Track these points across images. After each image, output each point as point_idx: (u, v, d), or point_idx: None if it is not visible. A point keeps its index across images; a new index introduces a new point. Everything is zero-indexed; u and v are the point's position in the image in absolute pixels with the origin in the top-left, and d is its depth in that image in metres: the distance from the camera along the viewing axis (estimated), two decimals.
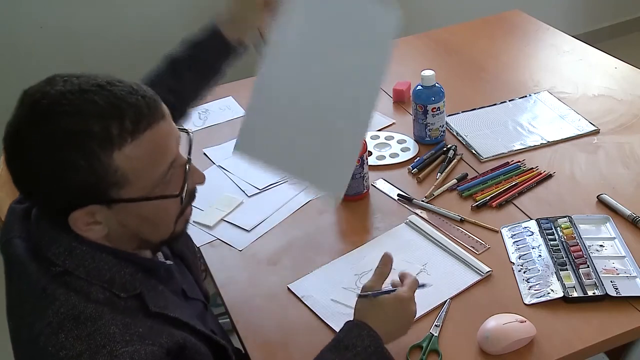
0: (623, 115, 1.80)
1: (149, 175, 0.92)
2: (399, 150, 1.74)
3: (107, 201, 0.91)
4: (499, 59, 2.14)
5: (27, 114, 0.89)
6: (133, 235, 0.98)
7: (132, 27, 2.88)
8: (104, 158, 0.87)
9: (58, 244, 0.94)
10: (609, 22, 3.86)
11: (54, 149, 0.86)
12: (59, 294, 0.91)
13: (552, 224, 1.43)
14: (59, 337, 0.88)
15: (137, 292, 0.96)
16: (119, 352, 0.87)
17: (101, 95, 0.88)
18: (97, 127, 0.86)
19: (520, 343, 1.18)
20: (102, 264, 0.94)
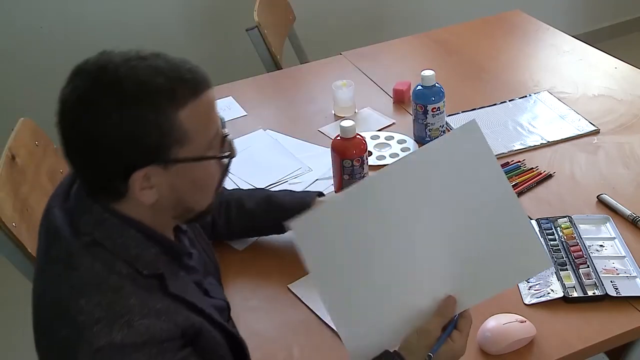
0: (623, 115, 1.80)
1: (204, 135, 0.97)
2: (399, 150, 1.74)
3: (167, 160, 0.94)
4: (499, 59, 2.15)
5: (93, 78, 0.92)
6: (178, 202, 1.00)
7: (133, 27, 2.88)
8: (170, 114, 0.92)
9: (90, 214, 0.97)
10: (609, 22, 3.86)
11: (126, 105, 0.90)
12: (85, 261, 0.94)
13: (552, 224, 1.43)
14: (79, 302, 0.91)
15: (159, 272, 0.99)
16: (136, 322, 0.90)
17: (160, 60, 0.94)
18: (163, 86, 0.92)
19: (520, 343, 1.18)
20: (129, 241, 0.97)
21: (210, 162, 1.00)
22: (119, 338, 0.89)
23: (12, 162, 1.51)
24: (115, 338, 0.89)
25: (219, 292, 1.21)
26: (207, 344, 1.01)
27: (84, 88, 0.92)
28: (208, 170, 1.01)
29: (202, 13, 3.02)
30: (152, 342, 0.91)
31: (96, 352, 0.88)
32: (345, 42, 2.62)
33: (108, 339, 0.89)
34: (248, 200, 1.43)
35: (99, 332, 0.89)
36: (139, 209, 0.98)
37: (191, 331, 0.98)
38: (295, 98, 2.07)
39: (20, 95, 2.76)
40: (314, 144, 1.80)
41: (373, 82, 2.07)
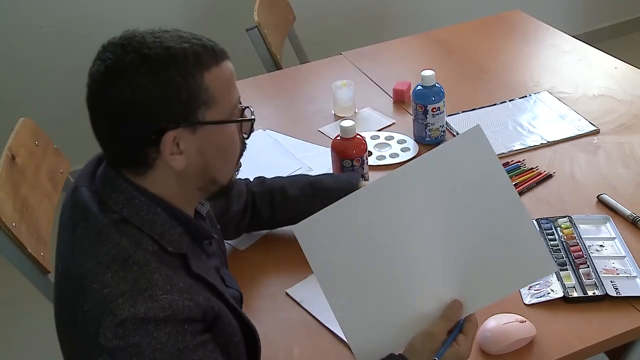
0: (623, 115, 1.80)
1: (228, 101, 1.02)
2: (399, 150, 1.74)
3: (195, 123, 0.98)
4: (499, 59, 2.15)
5: (121, 47, 0.96)
6: (204, 170, 1.03)
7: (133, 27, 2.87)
8: (198, 77, 0.97)
9: (119, 192, 1.00)
10: (609, 22, 3.86)
11: (156, 70, 0.95)
12: (112, 237, 0.96)
13: (552, 224, 1.43)
14: (105, 276, 0.93)
15: (183, 251, 1.01)
16: (159, 297, 0.93)
17: (183, 32, 1.00)
18: (189, 51, 0.97)
19: (520, 343, 1.18)
20: (156, 218, 1.00)
21: (232, 128, 1.04)
22: (143, 310, 0.91)
23: (12, 162, 1.52)
24: (139, 310, 0.91)
25: (233, 283, 1.22)
26: (224, 329, 1.03)
27: (113, 57, 0.96)
28: (232, 136, 1.04)
29: (202, 13, 3.02)
30: (174, 320, 0.93)
31: (119, 324, 0.91)
32: (345, 42, 2.62)
33: (132, 311, 0.91)
34: (291, 187, 1.44)
35: (123, 304, 0.91)
36: (165, 181, 1.01)
37: (211, 314, 1.00)
38: (295, 98, 2.07)
39: (20, 95, 2.76)
40: (314, 144, 1.80)
41: (373, 82, 2.07)
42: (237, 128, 1.05)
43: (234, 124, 1.04)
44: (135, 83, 0.94)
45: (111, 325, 0.90)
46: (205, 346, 0.97)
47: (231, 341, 1.05)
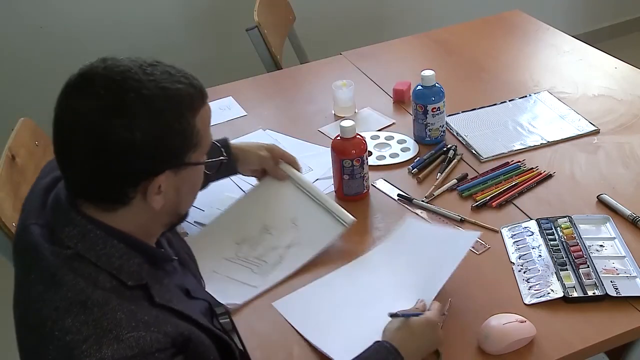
0: (623, 115, 1.80)
1: (208, 139, 1.02)
2: (399, 150, 1.74)
3: (181, 165, 0.97)
4: (499, 59, 2.15)
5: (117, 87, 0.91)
6: (176, 206, 1.02)
7: (133, 27, 2.88)
8: (190, 120, 0.95)
9: (73, 225, 0.96)
10: (609, 22, 3.86)
11: (154, 113, 0.92)
12: (67, 279, 0.93)
13: (552, 224, 1.43)
14: (65, 322, 0.90)
15: (143, 282, 0.98)
16: (125, 337, 0.89)
17: (169, 68, 0.96)
18: (182, 91, 0.95)
19: (520, 343, 1.18)
20: (112, 251, 0.96)
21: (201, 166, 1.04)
22: (109, 354, 0.88)
23: (12, 162, 1.51)
24: (105, 355, 0.88)
25: (199, 291, 1.20)
26: (197, 350, 1.01)
27: (109, 97, 0.91)
28: (200, 174, 1.04)
29: (202, 13, 3.02)
30: (143, 354, 0.90)
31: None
32: (345, 42, 2.62)
33: (98, 356, 0.87)
34: None
35: (87, 349, 0.88)
36: (135, 219, 0.98)
37: (180, 339, 0.97)
38: (295, 98, 2.07)
39: (20, 95, 2.76)
40: (314, 144, 1.80)
41: (373, 82, 2.07)
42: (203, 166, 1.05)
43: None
44: (135, 125, 0.91)
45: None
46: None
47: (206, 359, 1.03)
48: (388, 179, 1.64)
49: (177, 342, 0.96)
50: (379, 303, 1.28)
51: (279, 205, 1.52)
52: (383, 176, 1.65)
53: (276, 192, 1.54)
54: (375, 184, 1.62)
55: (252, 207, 1.53)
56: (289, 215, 1.49)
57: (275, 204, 1.52)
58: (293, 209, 1.50)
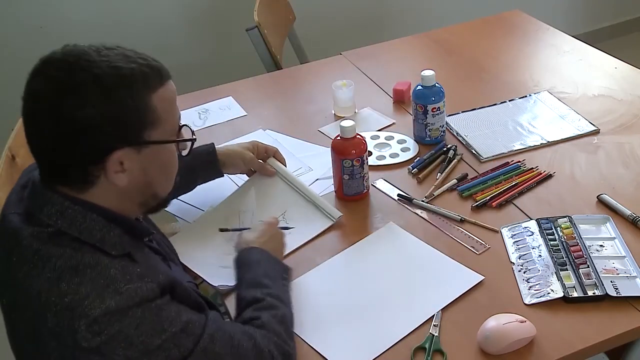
0: (623, 115, 1.80)
1: (171, 120, 1.04)
2: (399, 150, 1.74)
3: (141, 142, 1.00)
4: (499, 59, 2.15)
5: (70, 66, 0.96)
6: (146, 187, 1.05)
7: (133, 27, 2.88)
8: (146, 97, 0.99)
9: (51, 204, 0.99)
10: (609, 22, 3.86)
11: (106, 90, 0.95)
12: (53, 251, 0.95)
13: (552, 224, 1.43)
14: (60, 287, 0.93)
15: (127, 251, 1.01)
16: (123, 289, 0.94)
17: (127, 51, 1.00)
18: (137, 72, 0.98)
19: (520, 343, 1.18)
20: (92, 224, 0.99)
21: (174, 147, 1.07)
22: (113, 304, 0.92)
23: (12, 162, 1.51)
24: (110, 305, 0.92)
25: (184, 276, 1.25)
26: (182, 294, 1.06)
27: (62, 76, 0.95)
28: (173, 154, 1.08)
29: (202, 13, 3.02)
30: (146, 302, 0.95)
31: (94, 322, 0.91)
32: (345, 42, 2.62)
33: (103, 307, 0.91)
34: None
35: (91, 304, 0.91)
36: (105, 197, 1.01)
37: (169, 285, 1.02)
38: (295, 98, 2.07)
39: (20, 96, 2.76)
40: (314, 144, 1.80)
41: (373, 82, 2.07)
42: (175, 146, 1.07)
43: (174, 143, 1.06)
44: (87, 102, 0.94)
45: (86, 326, 0.91)
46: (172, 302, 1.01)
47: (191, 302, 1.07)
48: (388, 179, 1.64)
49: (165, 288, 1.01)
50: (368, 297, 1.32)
51: (269, 199, 1.56)
52: (383, 176, 1.65)
53: (266, 188, 1.58)
54: (375, 184, 1.62)
55: (242, 201, 1.56)
56: (279, 209, 1.53)
57: (265, 199, 1.56)
58: (282, 203, 1.55)
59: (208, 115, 1.96)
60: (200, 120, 1.94)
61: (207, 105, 2.00)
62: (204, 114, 1.97)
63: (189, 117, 1.93)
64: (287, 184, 1.59)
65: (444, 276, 1.35)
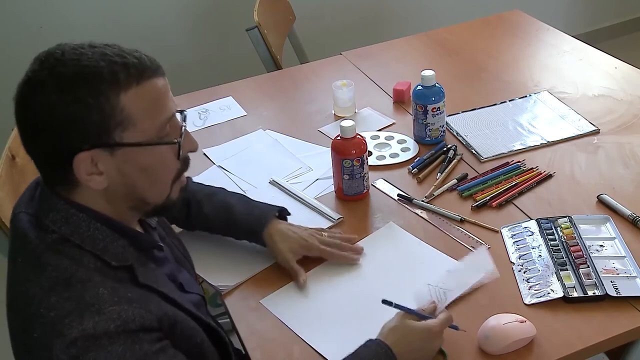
0: (623, 115, 1.80)
1: (150, 122, 0.98)
2: (399, 150, 1.74)
3: (111, 144, 0.96)
4: (499, 59, 2.15)
5: (41, 62, 0.96)
6: (130, 190, 1.01)
7: (133, 27, 2.88)
8: (112, 97, 0.94)
9: (56, 211, 0.98)
10: (609, 22, 3.86)
11: (66, 88, 0.93)
12: (52, 260, 0.95)
13: (552, 224, 1.43)
14: (50, 299, 0.92)
15: (128, 263, 1.00)
16: (106, 310, 0.91)
17: (109, 49, 0.97)
18: (105, 70, 0.94)
19: (520, 343, 1.18)
20: (96, 233, 0.99)
21: (160, 150, 1.01)
22: (91, 326, 0.90)
23: (12, 162, 1.52)
24: (87, 327, 0.89)
25: (194, 286, 1.22)
26: (184, 333, 1.03)
27: (31, 72, 0.96)
28: (158, 158, 1.01)
29: (202, 13, 3.02)
30: (127, 331, 0.91)
31: (70, 345, 0.89)
32: (345, 42, 2.63)
33: (80, 328, 0.89)
34: (207, 203, 1.43)
35: (70, 323, 0.90)
36: (94, 199, 1.00)
37: (166, 320, 0.99)
38: (295, 98, 2.07)
39: None
40: (314, 144, 1.80)
41: (373, 82, 2.07)
42: (170, 150, 1.02)
43: (164, 146, 1.01)
44: (45, 101, 0.93)
45: (62, 347, 0.89)
46: (165, 351, 0.96)
47: (193, 343, 1.05)
48: (388, 179, 1.64)
49: (163, 323, 0.97)
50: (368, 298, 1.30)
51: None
52: (383, 176, 1.65)
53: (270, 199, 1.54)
54: (375, 184, 1.62)
55: None
56: None
57: None
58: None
59: (208, 115, 1.96)
60: (200, 120, 1.94)
61: (207, 105, 2.01)
62: (204, 114, 1.97)
63: (189, 117, 1.92)
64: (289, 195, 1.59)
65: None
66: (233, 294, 1.36)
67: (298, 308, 1.32)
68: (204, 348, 1.08)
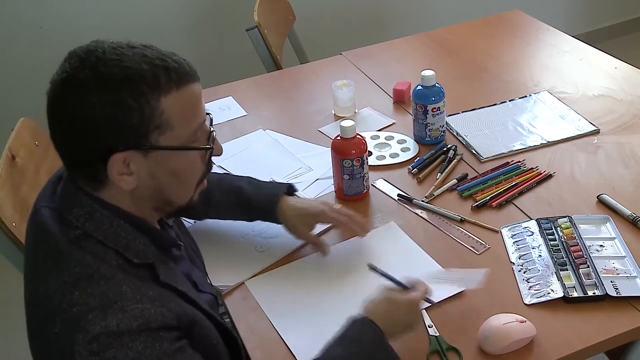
0: (623, 115, 1.80)
1: (186, 126, 0.99)
2: (399, 150, 1.74)
3: (146, 146, 0.96)
4: (499, 59, 2.15)
5: (81, 60, 0.95)
6: (157, 191, 1.02)
7: (133, 27, 2.88)
8: (152, 101, 0.95)
9: (80, 206, 0.99)
10: (609, 22, 3.86)
11: (108, 89, 0.93)
12: (75, 256, 0.96)
13: (552, 224, 1.43)
14: (73, 295, 0.93)
15: (149, 262, 1.01)
16: (129, 307, 0.92)
17: (149, 50, 0.97)
18: (148, 73, 0.95)
19: (520, 343, 1.18)
20: (119, 230, 0.99)
21: (191, 154, 1.02)
22: (114, 323, 0.90)
23: (12, 162, 1.52)
24: (111, 324, 0.90)
25: (206, 286, 1.23)
26: (201, 333, 1.03)
27: (71, 70, 0.95)
28: (188, 162, 1.03)
29: (203, 13, 3.02)
30: (148, 329, 0.92)
31: (92, 340, 0.89)
32: (345, 42, 2.62)
33: (103, 324, 0.90)
34: (217, 191, 1.42)
35: (93, 319, 0.90)
36: (119, 198, 1.00)
37: (186, 319, 0.99)
38: (295, 98, 2.07)
39: (20, 95, 2.76)
40: (314, 144, 1.80)
41: (373, 82, 2.07)
42: (199, 154, 1.04)
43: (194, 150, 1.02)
44: (86, 101, 0.93)
45: (84, 342, 0.89)
46: (184, 351, 0.96)
47: (209, 344, 1.05)
48: (388, 179, 1.64)
49: (182, 322, 0.98)
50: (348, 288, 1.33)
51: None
52: (383, 176, 1.65)
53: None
54: (375, 184, 1.62)
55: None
56: None
57: None
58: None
59: None
60: None
61: (207, 105, 1.95)
62: None
63: None
64: None
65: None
66: (233, 294, 1.36)
67: (279, 295, 1.33)
68: (219, 350, 1.09)
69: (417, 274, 1.33)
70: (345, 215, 1.41)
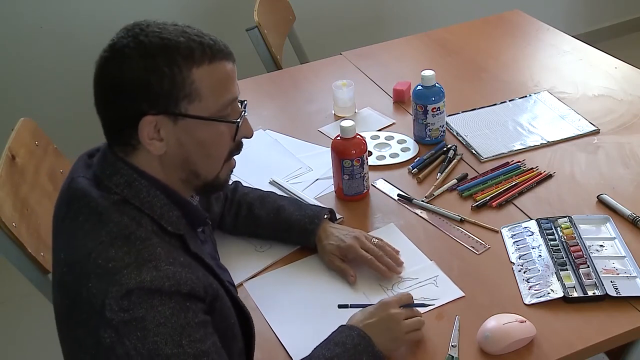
0: (623, 115, 1.80)
1: (215, 100, 1.04)
2: (399, 150, 1.74)
3: (176, 113, 1.01)
4: (499, 59, 2.15)
5: (127, 30, 1.03)
6: (185, 161, 1.06)
7: None
8: (185, 70, 1.00)
9: (120, 174, 1.04)
10: (609, 22, 3.86)
11: (145, 55, 0.99)
12: (113, 217, 1.00)
13: (552, 224, 1.43)
14: (109, 252, 0.97)
15: (181, 232, 1.05)
16: (162, 268, 0.96)
17: (189, 29, 1.04)
18: (183, 45, 1.01)
19: (520, 343, 1.18)
20: (155, 200, 1.04)
21: (219, 127, 1.06)
22: (148, 279, 0.94)
23: (12, 162, 1.51)
24: (145, 279, 0.94)
25: (227, 274, 1.24)
26: (222, 310, 1.07)
27: (117, 38, 1.02)
28: (215, 134, 1.06)
29: (202, 13, 3.02)
30: (178, 295, 0.96)
31: (125, 295, 0.93)
32: (345, 42, 2.62)
33: (138, 280, 0.94)
34: (259, 206, 1.46)
35: (129, 274, 0.94)
36: (149, 164, 1.05)
37: (211, 291, 1.03)
38: (295, 98, 2.07)
39: (20, 95, 2.76)
40: (314, 144, 1.80)
41: (373, 82, 2.07)
42: (227, 129, 1.07)
43: (223, 124, 1.06)
44: (124, 64, 0.99)
45: (117, 296, 0.93)
46: (206, 327, 1.00)
47: (228, 323, 1.09)
48: (388, 179, 1.64)
49: (208, 294, 1.02)
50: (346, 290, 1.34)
51: None
52: (383, 176, 1.65)
53: None
54: (375, 184, 1.62)
55: None
56: None
57: None
58: None
59: None
60: None
61: None
62: None
63: None
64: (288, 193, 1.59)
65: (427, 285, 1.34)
66: None
67: (277, 297, 1.34)
68: (235, 332, 1.12)
69: (415, 275, 1.36)
70: (374, 253, 1.37)
